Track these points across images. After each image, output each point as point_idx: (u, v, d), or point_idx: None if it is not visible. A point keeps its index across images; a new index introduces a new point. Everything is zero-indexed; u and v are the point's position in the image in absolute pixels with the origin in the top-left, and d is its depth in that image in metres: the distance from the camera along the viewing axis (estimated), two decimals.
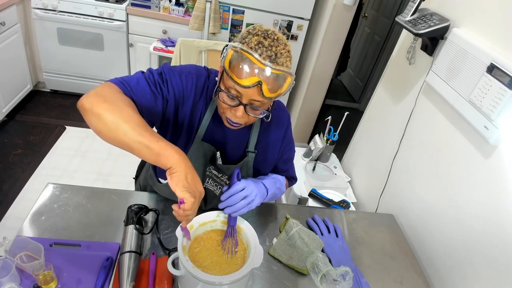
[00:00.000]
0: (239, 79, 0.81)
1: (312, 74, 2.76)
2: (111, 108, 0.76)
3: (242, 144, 1.07)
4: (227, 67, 0.82)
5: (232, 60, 0.81)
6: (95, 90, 0.81)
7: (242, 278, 0.83)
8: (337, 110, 3.95)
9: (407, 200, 1.46)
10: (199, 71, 0.99)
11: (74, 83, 3.13)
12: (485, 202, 1.08)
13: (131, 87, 0.86)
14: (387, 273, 1.18)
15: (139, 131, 0.74)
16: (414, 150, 1.46)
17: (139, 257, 0.97)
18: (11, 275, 0.84)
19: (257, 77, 0.80)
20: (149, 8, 2.79)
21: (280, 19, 2.71)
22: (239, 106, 0.86)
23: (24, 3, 2.72)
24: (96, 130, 0.78)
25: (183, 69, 0.98)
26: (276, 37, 0.83)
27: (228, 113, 0.90)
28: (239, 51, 0.80)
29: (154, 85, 0.91)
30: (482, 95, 1.07)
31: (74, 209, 1.12)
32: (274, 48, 0.81)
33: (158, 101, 0.91)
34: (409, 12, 1.37)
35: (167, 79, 0.93)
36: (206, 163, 1.05)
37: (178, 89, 0.94)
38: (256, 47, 0.80)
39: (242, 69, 0.80)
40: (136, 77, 0.90)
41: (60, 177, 2.39)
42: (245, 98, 0.84)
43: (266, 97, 0.82)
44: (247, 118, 0.90)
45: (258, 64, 0.79)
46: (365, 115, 1.96)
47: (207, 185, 1.10)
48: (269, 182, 1.08)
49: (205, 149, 1.02)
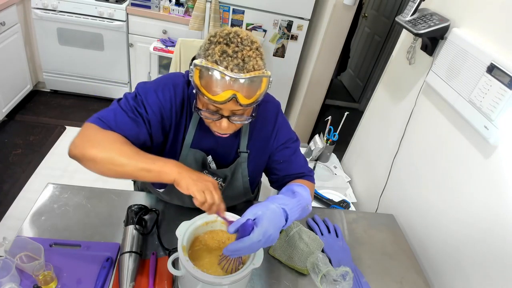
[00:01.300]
0: (212, 96, 0.78)
1: (312, 74, 2.76)
2: (100, 149, 0.81)
3: (233, 146, 1.06)
4: (198, 85, 0.79)
5: (200, 78, 0.78)
6: (78, 137, 0.84)
7: (242, 278, 0.83)
8: (337, 110, 3.95)
9: (407, 200, 1.46)
10: (175, 80, 0.97)
11: (74, 83, 3.13)
12: (485, 202, 1.08)
13: (109, 122, 0.87)
14: (387, 273, 1.18)
15: (135, 159, 0.80)
16: (414, 150, 1.46)
17: (139, 257, 0.97)
18: (11, 275, 0.84)
19: (231, 91, 0.77)
20: (149, 8, 2.79)
21: (280, 19, 2.71)
22: (222, 119, 0.85)
23: (24, 3, 2.72)
24: (97, 172, 0.83)
25: (159, 83, 0.95)
26: (239, 40, 0.79)
27: (214, 126, 0.89)
28: (204, 68, 0.77)
29: (132, 111, 0.90)
30: (482, 95, 1.07)
31: (74, 209, 1.13)
32: (240, 54, 0.77)
33: (140, 126, 0.90)
34: (409, 12, 1.37)
35: (143, 99, 0.91)
36: (199, 168, 1.04)
37: (157, 107, 0.92)
38: (220, 58, 0.76)
39: (212, 85, 0.77)
40: (113, 110, 0.90)
41: (60, 177, 2.39)
42: (226, 111, 0.83)
43: (246, 105, 0.80)
44: (235, 126, 0.89)
45: (227, 77, 0.76)
46: (365, 115, 1.96)
47: None
48: (292, 207, 0.87)
49: (195, 155, 1.02)
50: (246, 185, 1.12)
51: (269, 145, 1.09)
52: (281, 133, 1.09)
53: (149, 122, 0.92)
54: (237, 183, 1.10)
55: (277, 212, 0.83)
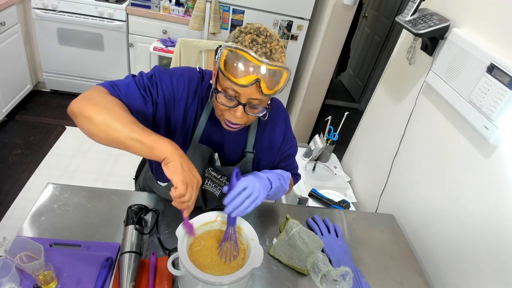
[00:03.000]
0: (236, 79, 0.80)
1: (312, 74, 2.76)
2: (100, 109, 0.78)
3: (240, 144, 1.07)
4: (222, 67, 0.81)
5: (227, 60, 0.80)
6: (83, 94, 0.82)
7: (242, 278, 0.83)
8: (337, 110, 3.95)
9: (407, 200, 1.46)
10: (191, 74, 0.99)
11: (74, 83, 3.13)
12: (485, 202, 1.08)
13: (120, 90, 0.88)
14: (387, 273, 1.18)
15: (131, 127, 0.76)
16: (414, 150, 1.46)
17: (139, 257, 0.97)
18: (11, 275, 0.84)
19: (255, 75, 0.79)
20: (149, 8, 2.79)
21: (280, 19, 2.70)
22: (238, 106, 0.86)
23: (24, 3, 2.72)
24: (88, 133, 0.79)
25: (175, 72, 0.97)
26: (268, 34, 0.83)
27: (227, 114, 0.89)
28: (233, 50, 0.80)
29: (144, 88, 0.91)
30: (482, 95, 1.07)
31: (74, 209, 1.12)
32: (269, 45, 0.81)
33: (148, 104, 0.91)
34: (409, 12, 1.37)
35: (157, 82, 0.93)
36: (205, 165, 1.05)
37: (168, 92, 0.94)
38: (250, 44, 0.80)
39: (238, 68, 0.79)
40: (127, 81, 0.91)
41: (60, 177, 2.39)
42: (244, 98, 0.84)
43: (265, 94, 0.82)
44: (247, 118, 0.90)
45: (255, 61, 0.79)
46: (365, 115, 1.96)
47: (206, 187, 1.10)
48: (273, 176, 1.03)
49: (203, 151, 1.02)
50: None
51: (275, 151, 1.11)
52: (289, 142, 1.14)
53: (157, 104, 0.93)
54: None
55: (260, 175, 0.96)
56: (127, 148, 0.77)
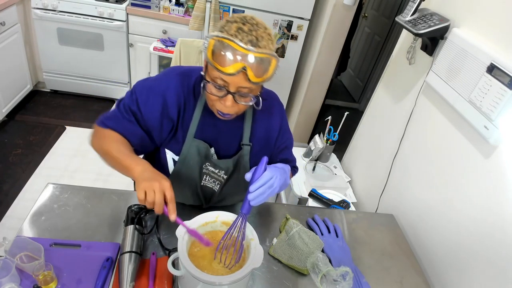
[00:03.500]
0: (223, 68, 0.81)
1: (312, 74, 2.76)
2: (97, 146, 0.98)
3: (236, 138, 1.07)
4: (210, 57, 0.83)
5: (214, 50, 0.81)
6: (91, 136, 1.01)
7: (242, 278, 0.83)
8: (337, 110, 3.95)
9: (407, 200, 1.46)
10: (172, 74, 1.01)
11: (74, 83, 3.13)
12: (485, 202, 1.08)
13: (108, 123, 0.99)
14: (387, 273, 1.18)
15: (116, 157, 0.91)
16: (414, 150, 1.46)
17: (139, 257, 0.97)
18: (11, 275, 0.84)
19: (241, 63, 0.80)
20: (149, 8, 2.79)
21: (280, 19, 2.70)
22: (227, 96, 0.87)
23: (24, 3, 2.72)
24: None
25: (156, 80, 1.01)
26: (255, 22, 0.84)
27: (218, 104, 0.90)
28: (220, 40, 0.81)
29: (126, 111, 0.99)
30: (482, 95, 1.07)
31: (74, 209, 1.12)
32: (255, 32, 0.81)
33: (133, 124, 0.99)
34: (409, 12, 1.37)
35: (137, 98, 0.98)
36: (202, 160, 1.05)
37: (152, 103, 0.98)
38: (236, 33, 0.81)
39: (225, 57, 0.80)
40: (113, 111, 1.01)
41: (60, 177, 2.39)
42: (232, 86, 0.85)
43: (253, 82, 0.83)
44: (238, 107, 0.90)
45: (240, 49, 0.80)
46: (365, 115, 1.96)
47: (205, 183, 1.10)
48: (282, 174, 1.00)
49: (198, 146, 1.03)
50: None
51: (272, 143, 1.11)
52: (285, 134, 1.14)
53: (143, 119, 0.98)
54: (238, 177, 1.10)
55: (277, 170, 0.95)
56: (120, 171, 0.94)
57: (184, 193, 1.13)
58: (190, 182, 1.09)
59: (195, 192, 1.12)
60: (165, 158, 1.07)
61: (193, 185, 1.10)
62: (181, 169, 1.06)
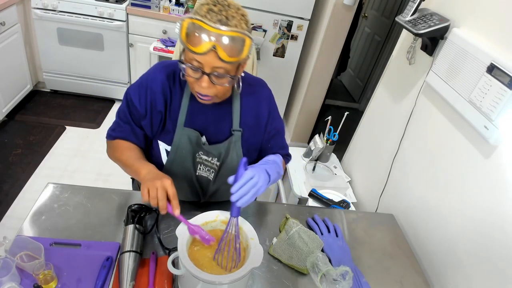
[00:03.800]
0: (194, 48, 0.83)
1: (312, 74, 2.77)
2: (113, 158, 1.11)
3: (226, 124, 1.08)
4: (184, 39, 0.85)
5: (187, 32, 0.84)
6: (107, 151, 1.14)
7: (242, 278, 0.83)
8: (337, 110, 3.95)
9: (407, 200, 1.47)
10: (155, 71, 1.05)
11: (74, 83, 3.13)
12: (485, 202, 1.08)
13: (114, 134, 1.10)
14: (387, 273, 1.18)
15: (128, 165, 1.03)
16: (414, 150, 1.46)
17: (139, 256, 0.97)
18: (11, 274, 0.84)
19: (210, 42, 0.82)
20: (149, 8, 2.79)
21: (280, 19, 2.71)
22: (203, 76, 0.88)
23: (24, 3, 2.72)
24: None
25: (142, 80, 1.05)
26: (226, 3, 0.86)
27: (196, 86, 0.92)
28: (190, 21, 0.83)
29: (125, 116, 1.07)
30: (482, 95, 1.07)
31: (74, 209, 1.13)
32: (225, 12, 0.84)
33: (133, 125, 1.07)
34: (409, 12, 1.37)
35: (131, 99, 1.04)
36: (193, 148, 1.07)
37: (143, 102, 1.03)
38: (206, 14, 0.83)
39: (196, 37, 0.83)
40: (115, 123, 1.10)
41: (60, 177, 2.39)
42: (207, 67, 0.86)
43: (226, 62, 0.84)
44: (215, 89, 0.92)
45: (209, 28, 0.82)
46: (365, 115, 1.96)
47: (200, 172, 1.12)
48: (270, 168, 1.01)
49: (189, 134, 1.05)
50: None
51: (262, 128, 1.12)
52: (275, 120, 1.16)
53: (140, 114, 1.04)
54: (232, 163, 1.11)
55: (260, 167, 0.97)
56: (132, 175, 1.06)
57: (181, 185, 1.14)
58: (185, 173, 1.10)
59: (191, 183, 1.13)
60: (158, 150, 1.09)
61: (189, 176, 1.11)
62: (175, 159, 1.08)
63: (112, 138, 1.10)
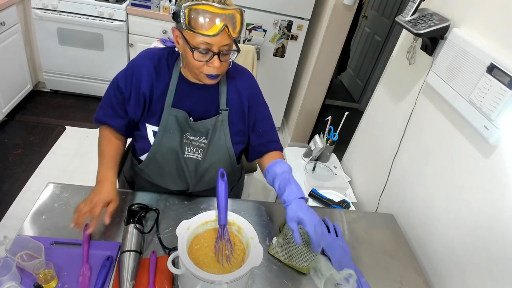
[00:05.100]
0: (206, 31, 0.89)
1: (312, 74, 2.77)
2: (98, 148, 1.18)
3: (213, 105, 1.11)
4: (191, 26, 0.89)
5: (192, 18, 0.89)
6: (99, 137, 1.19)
7: (242, 277, 0.83)
8: (337, 110, 3.95)
9: (407, 200, 1.47)
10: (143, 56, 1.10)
11: (74, 83, 3.13)
12: (485, 202, 1.08)
13: (95, 117, 1.16)
14: (387, 273, 1.18)
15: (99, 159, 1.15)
16: (414, 150, 1.46)
17: (139, 256, 0.97)
18: (11, 274, 0.84)
19: (222, 22, 0.89)
20: (149, 8, 2.79)
21: (280, 19, 2.71)
22: (214, 57, 0.94)
23: (24, 3, 2.72)
24: None
25: (128, 66, 1.10)
26: None
27: (205, 69, 0.97)
28: (194, 8, 0.88)
29: (110, 100, 1.12)
30: (482, 95, 1.08)
31: (74, 208, 1.12)
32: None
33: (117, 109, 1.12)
34: (409, 12, 1.37)
35: (118, 83, 1.09)
36: (181, 129, 1.09)
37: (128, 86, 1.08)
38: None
39: (205, 21, 0.88)
40: (99, 106, 1.16)
41: (60, 177, 2.39)
42: (216, 47, 0.93)
43: (234, 38, 0.93)
44: (223, 66, 0.98)
45: (217, 10, 0.88)
46: (365, 115, 1.96)
47: (187, 154, 1.13)
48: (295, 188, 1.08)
49: (176, 114, 1.07)
50: (228, 144, 1.15)
51: (245, 109, 1.15)
52: (260, 104, 1.20)
53: (124, 100, 1.09)
54: (220, 142, 1.14)
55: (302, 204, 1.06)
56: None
57: (169, 168, 1.15)
58: (173, 155, 1.11)
59: (179, 167, 1.14)
60: (145, 134, 1.11)
61: (176, 158, 1.12)
62: (162, 139, 1.09)
63: (96, 122, 1.16)
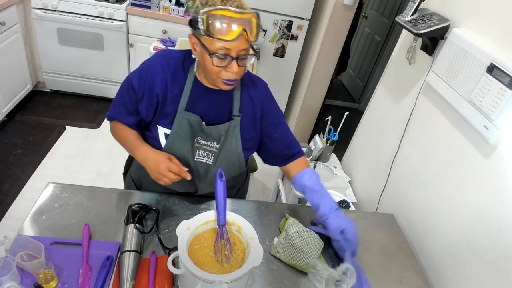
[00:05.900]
0: (225, 36, 0.89)
1: (312, 74, 2.77)
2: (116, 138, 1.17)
3: (226, 110, 1.11)
4: (210, 31, 0.89)
5: (210, 24, 0.88)
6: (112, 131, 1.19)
7: (242, 277, 0.83)
8: (337, 110, 3.95)
9: (407, 200, 1.47)
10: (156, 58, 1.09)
11: (74, 83, 3.13)
12: (485, 202, 1.08)
13: (108, 115, 1.17)
14: (387, 272, 1.18)
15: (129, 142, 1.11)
16: (414, 150, 1.46)
17: (139, 256, 0.97)
18: (11, 274, 0.84)
19: (240, 27, 0.89)
20: (149, 8, 2.79)
21: (280, 19, 2.71)
22: (232, 62, 0.94)
23: (24, 3, 2.72)
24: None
25: (143, 66, 1.09)
26: None
27: (224, 74, 0.96)
28: (212, 13, 0.88)
29: (122, 97, 1.11)
30: (482, 95, 1.08)
31: (74, 208, 1.13)
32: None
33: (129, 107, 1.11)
34: (409, 12, 1.37)
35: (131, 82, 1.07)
36: (193, 133, 1.08)
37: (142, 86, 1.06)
38: (222, 3, 0.89)
39: (223, 26, 0.88)
40: (112, 105, 1.16)
41: (60, 177, 2.39)
42: (234, 51, 0.92)
43: (252, 42, 0.92)
44: (240, 71, 0.98)
45: (235, 15, 0.88)
46: (365, 115, 1.96)
47: (198, 158, 1.12)
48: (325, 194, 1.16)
49: (189, 118, 1.06)
50: (239, 150, 1.15)
51: (259, 115, 1.15)
52: (274, 110, 1.19)
53: (137, 99, 1.08)
54: (231, 148, 1.13)
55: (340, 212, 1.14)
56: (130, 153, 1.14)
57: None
58: (183, 159, 1.11)
59: (190, 171, 1.13)
60: (157, 135, 1.10)
61: (187, 162, 1.12)
62: (173, 142, 1.09)
63: (108, 119, 1.17)
